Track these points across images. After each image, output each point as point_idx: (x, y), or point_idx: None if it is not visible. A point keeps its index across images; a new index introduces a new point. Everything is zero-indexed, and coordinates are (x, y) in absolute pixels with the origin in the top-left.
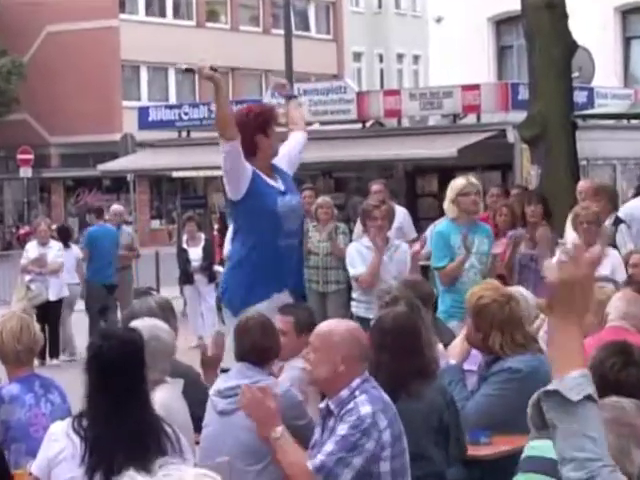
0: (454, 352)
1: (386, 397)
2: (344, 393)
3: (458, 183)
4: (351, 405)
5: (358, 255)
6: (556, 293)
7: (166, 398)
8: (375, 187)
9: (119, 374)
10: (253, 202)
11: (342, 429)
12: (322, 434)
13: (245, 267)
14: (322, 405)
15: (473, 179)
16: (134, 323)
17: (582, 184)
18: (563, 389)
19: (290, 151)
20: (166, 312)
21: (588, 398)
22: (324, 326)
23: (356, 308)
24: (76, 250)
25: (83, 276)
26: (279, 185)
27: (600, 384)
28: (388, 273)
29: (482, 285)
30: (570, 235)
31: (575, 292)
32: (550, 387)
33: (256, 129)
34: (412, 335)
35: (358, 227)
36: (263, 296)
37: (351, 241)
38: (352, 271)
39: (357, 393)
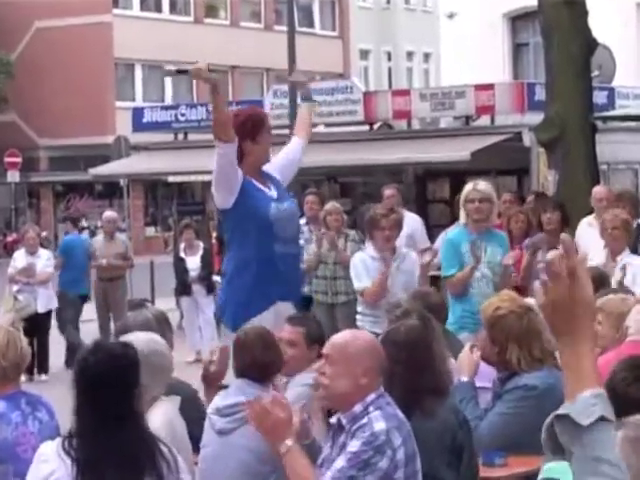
0: (461, 367)
1: (401, 414)
2: (357, 408)
3: (465, 188)
4: (364, 420)
5: (363, 267)
6: (550, 316)
7: (168, 414)
8: (387, 192)
9: (106, 390)
10: (245, 209)
11: (354, 445)
12: (332, 450)
13: (242, 278)
14: (333, 420)
15: (482, 185)
16: (129, 338)
17: (600, 190)
18: (573, 412)
19: (287, 157)
20: (162, 325)
21: (601, 419)
22: (341, 337)
23: (362, 322)
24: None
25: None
26: (271, 192)
27: (611, 398)
28: (395, 285)
29: (498, 296)
30: (583, 241)
31: (569, 310)
32: (561, 411)
33: (243, 135)
34: (426, 349)
35: None
36: (263, 307)
37: None
38: (356, 284)
39: (371, 409)
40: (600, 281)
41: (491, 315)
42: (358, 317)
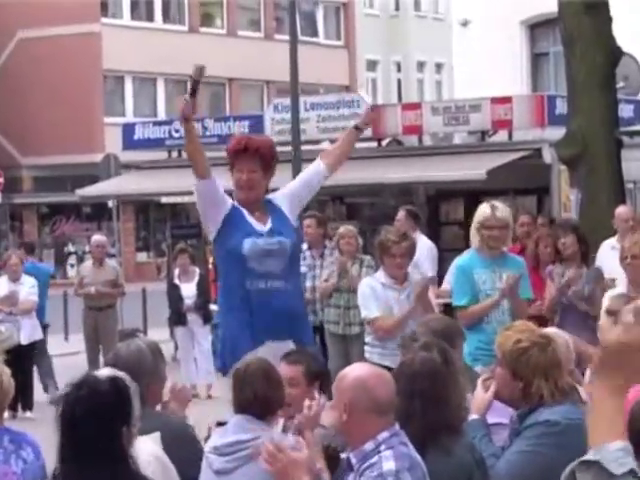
0: (472, 405)
1: (415, 455)
2: (368, 446)
3: (481, 212)
4: (374, 459)
5: (371, 293)
6: (610, 357)
7: (156, 449)
8: (397, 215)
9: (90, 429)
10: (224, 240)
11: None
12: None
13: (225, 316)
14: (343, 456)
15: (500, 212)
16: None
17: (624, 210)
18: (604, 460)
19: (304, 185)
20: (155, 356)
21: (630, 472)
22: (343, 370)
23: (370, 354)
24: None
25: None
26: (262, 225)
27: (631, 431)
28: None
29: (513, 327)
30: (607, 265)
31: (635, 359)
32: (589, 457)
33: (229, 163)
34: (443, 382)
35: None
36: (248, 349)
37: None
38: (364, 312)
39: (382, 447)
40: None
41: (512, 349)
42: (366, 348)
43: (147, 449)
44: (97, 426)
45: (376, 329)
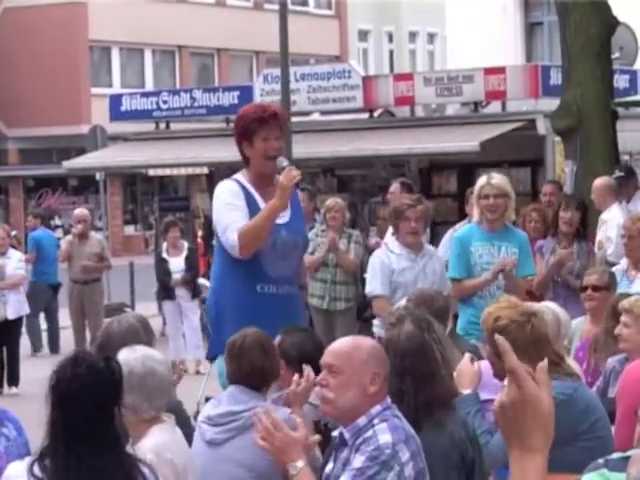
0: (461, 379)
1: (409, 427)
2: (362, 421)
3: (478, 183)
4: (369, 433)
5: (381, 269)
6: (500, 420)
7: (166, 440)
8: (391, 187)
9: (82, 407)
10: None
11: (358, 461)
12: (334, 466)
13: (222, 315)
14: (335, 433)
15: (496, 179)
16: (124, 353)
17: (599, 182)
18: None
19: None
20: (147, 331)
21: None
22: (345, 345)
23: (377, 328)
24: None
25: None
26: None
27: None
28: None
29: (497, 303)
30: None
31: (521, 418)
32: None
33: (240, 136)
34: (430, 356)
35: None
36: None
37: (370, 252)
38: (368, 287)
39: (376, 421)
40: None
41: (492, 327)
42: (375, 322)
43: (155, 439)
44: (91, 404)
45: (376, 309)
